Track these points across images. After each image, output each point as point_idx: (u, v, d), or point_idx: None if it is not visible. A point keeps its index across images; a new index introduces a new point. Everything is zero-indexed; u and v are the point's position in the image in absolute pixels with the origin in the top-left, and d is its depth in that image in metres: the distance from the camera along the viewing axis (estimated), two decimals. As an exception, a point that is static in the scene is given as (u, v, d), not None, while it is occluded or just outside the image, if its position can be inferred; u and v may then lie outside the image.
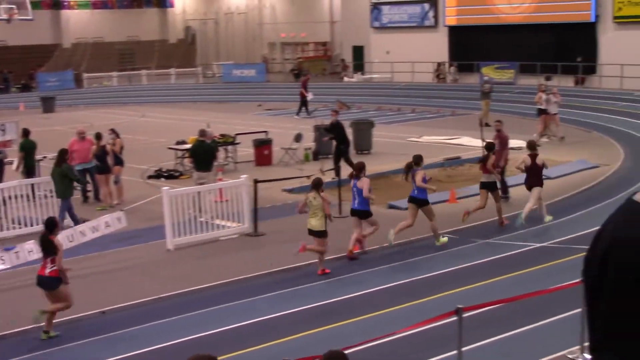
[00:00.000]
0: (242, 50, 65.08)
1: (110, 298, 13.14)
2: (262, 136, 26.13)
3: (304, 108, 37.27)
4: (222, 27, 65.69)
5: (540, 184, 17.11)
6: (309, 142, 26.08)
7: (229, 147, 25.38)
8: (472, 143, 27.10)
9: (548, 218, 17.10)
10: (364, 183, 15.12)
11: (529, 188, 17.21)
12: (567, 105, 31.48)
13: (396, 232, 15.64)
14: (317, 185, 14.62)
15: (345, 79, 52.05)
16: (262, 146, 25.20)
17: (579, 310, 9.47)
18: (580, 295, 9.25)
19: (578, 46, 42.26)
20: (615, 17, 40.79)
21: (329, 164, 22.98)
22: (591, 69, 41.79)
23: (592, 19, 41.58)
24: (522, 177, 19.80)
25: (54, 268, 11.56)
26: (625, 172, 22.24)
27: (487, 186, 17.15)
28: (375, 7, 51.56)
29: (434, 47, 47.99)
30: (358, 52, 54.83)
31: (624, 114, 32.86)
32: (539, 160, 17.07)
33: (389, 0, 50.96)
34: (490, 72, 44.83)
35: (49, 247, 11.62)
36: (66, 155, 17.97)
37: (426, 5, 49.21)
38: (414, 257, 15.25)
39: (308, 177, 21.83)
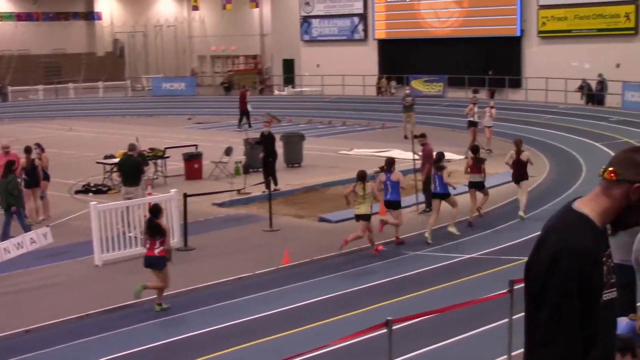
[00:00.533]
0: (172, 63, 64.65)
1: (35, 316, 12.84)
2: (192, 150, 25.95)
3: (244, 119, 37.36)
4: (151, 40, 65.14)
5: (526, 177, 18.77)
6: (239, 155, 25.99)
7: (159, 161, 25.13)
8: (402, 155, 27.35)
9: (522, 214, 18.57)
10: (398, 175, 16.84)
11: (516, 182, 18.88)
12: (495, 118, 31.99)
13: (430, 232, 17.20)
14: (363, 177, 16.17)
15: (276, 92, 52.10)
16: (192, 160, 25.01)
17: (506, 320, 9.61)
18: (507, 305, 9.39)
19: (505, 60, 43.12)
20: (540, 32, 41.78)
21: (255, 178, 22.88)
22: (517, 82, 42.65)
23: (518, 34, 42.50)
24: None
25: (162, 249, 12.98)
26: (551, 184, 22.72)
27: (475, 185, 18.74)
28: (305, 20, 51.80)
29: (364, 60, 48.43)
30: (288, 65, 54.98)
31: (550, 126, 33.62)
32: (523, 157, 18.64)
33: (319, 13, 51.25)
34: (419, 85, 45.45)
35: (156, 230, 12.97)
36: (13, 166, 17.66)
37: (356, 19, 49.64)
38: (342, 270, 15.30)
39: (238, 191, 21.80)
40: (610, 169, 3.22)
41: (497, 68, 43.06)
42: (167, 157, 25.27)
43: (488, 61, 43.84)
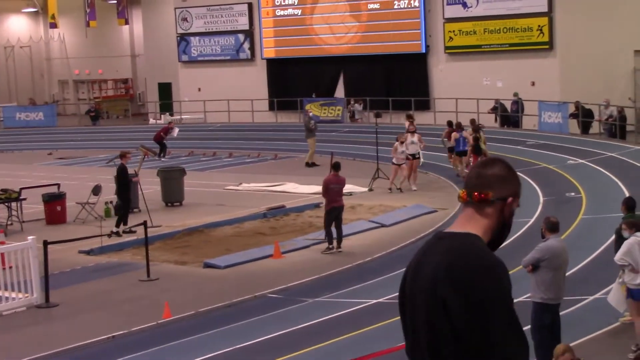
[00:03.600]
0: (28, 89, 63.36)
1: None
2: (53, 190, 25.46)
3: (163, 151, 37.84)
4: (1, 63, 63.75)
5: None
6: (109, 194, 25.61)
7: (13, 204, 24.54)
8: (298, 190, 27.51)
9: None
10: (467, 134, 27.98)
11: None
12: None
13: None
14: (477, 129, 27.85)
15: (151, 120, 51.70)
16: (54, 201, 24.53)
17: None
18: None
19: (410, 79, 43.88)
20: (447, 48, 42.81)
21: (129, 220, 22.57)
22: (425, 104, 43.42)
23: (423, 50, 43.42)
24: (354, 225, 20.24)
25: None
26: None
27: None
28: (183, 38, 51.70)
29: (252, 82, 48.52)
30: (165, 89, 54.65)
31: (461, 152, 34.19)
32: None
33: (198, 30, 51.25)
34: (315, 109, 45.77)
35: (480, 150, 25.59)
36: None
37: (241, 36, 49.84)
38: (233, 322, 15.22)
39: (109, 235, 21.46)
40: (479, 191, 3.52)
41: (402, 88, 43.83)
42: (23, 198, 24.69)
43: (391, 80, 44.62)
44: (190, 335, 14.60)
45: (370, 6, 45.05)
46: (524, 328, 3.34)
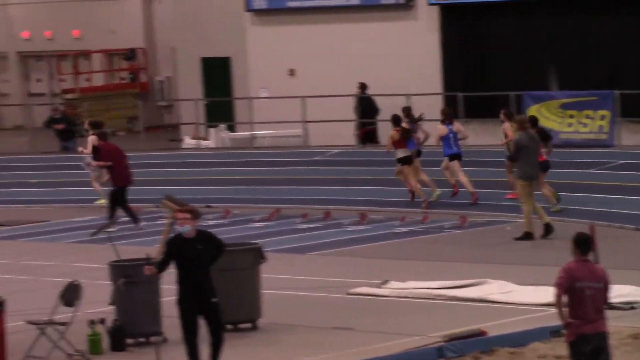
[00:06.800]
0: None
1: None
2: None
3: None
4: None
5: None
6: (98, 306, 26.02)
7: None
8: (512, 296, 27.24)
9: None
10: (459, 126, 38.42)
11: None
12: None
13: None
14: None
15: (188, 141, 52.27)
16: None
17: None
18: None
19: None
20: None
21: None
22: None
23: None
24: None
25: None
26: None
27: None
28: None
29: (408, 57, 48.69)
30: (217, 73, 55.14)
31: None
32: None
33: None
34: (547, 114, 45.49)
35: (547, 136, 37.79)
36: None
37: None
38: None
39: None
40: None
41: None
42: None
43: None
44: None
45: None
46: None
